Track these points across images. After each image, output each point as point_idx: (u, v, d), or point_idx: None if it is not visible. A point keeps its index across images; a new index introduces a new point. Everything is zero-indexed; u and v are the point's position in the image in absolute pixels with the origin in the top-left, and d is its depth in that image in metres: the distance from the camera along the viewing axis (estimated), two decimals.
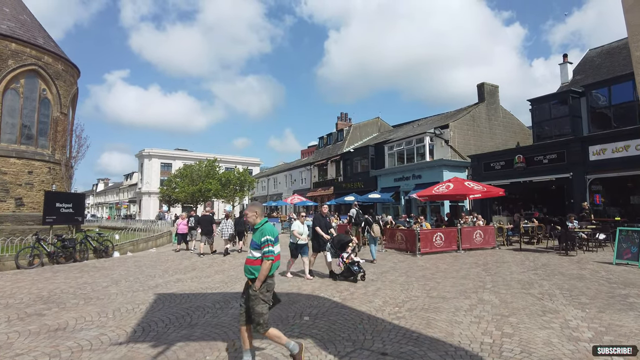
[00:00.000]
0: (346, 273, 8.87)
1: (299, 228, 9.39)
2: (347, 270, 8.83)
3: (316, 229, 9.58)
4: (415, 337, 4.99)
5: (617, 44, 23.17)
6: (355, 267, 8.76)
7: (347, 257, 8.90)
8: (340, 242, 9.26)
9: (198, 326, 5.58)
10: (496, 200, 21.59)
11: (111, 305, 6.85)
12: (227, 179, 43.94)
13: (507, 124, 27.82)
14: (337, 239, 9.45)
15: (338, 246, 9.22)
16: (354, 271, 8.68)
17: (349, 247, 9.19)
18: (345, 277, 8.87)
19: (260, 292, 4.17)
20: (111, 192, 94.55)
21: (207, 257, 13.66)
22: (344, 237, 9.57)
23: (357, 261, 8.91)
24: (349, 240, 9.39)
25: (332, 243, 9.35)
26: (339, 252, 9.11)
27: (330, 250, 9.30)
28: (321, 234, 9.52)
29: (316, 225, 9.64)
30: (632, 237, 10.51)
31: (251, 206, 4.38)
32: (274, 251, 4.15)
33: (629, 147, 15.45)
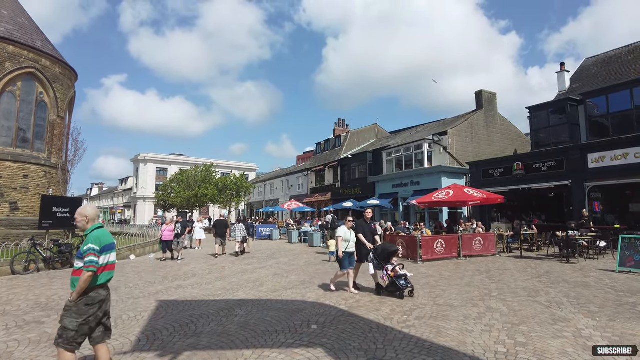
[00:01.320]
0: (391, 287, 7.82)
1: (345, 234, 8.23)
2: (392, 284, 7.79)
3: (359, 237, 8.43)
4: (427, 346, 4.89)
5: (613, 53, 23.40)
6: (402, 281, 7.72)
7: (392, 270, 7.87)
8: (385, 253, 8.24)
9: (204, 335, 5.44)
10: (495, 208, 21.61)
11: (112, 313, 6.64)
12: (223, 184, 43.76)
13: (505, 131, 27.95)
14: (382, 248, 8.40)
15: (382, 257, 8.18)
16: (400, 286, 7.67)
17: (394, 258, 8.24)
18: (390, 291, 7.85)
19: (75, 305, 3.62)
20: (106, 196, 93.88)
21: (206, 264, 13.49)
22: (389, 247, 8.54)
23: (403, 274, 7.84)
24: (394, 250, 8.40)
25: (375, 253, 8.27)
26: (382, 263, 8.09)
27: (373, 262, 8.22)
28: (364, 242, 8.38)
29: (359, 231, 8.50)
30: (635, 245, 10.49)
31: (81, 209, 3.88)
32: (99, 262, 3.67)
33: (628, 155, 15.53)
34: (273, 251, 17.67)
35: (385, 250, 8.32)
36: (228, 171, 61.64)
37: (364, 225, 8.69)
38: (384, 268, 8.00)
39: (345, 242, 8.15)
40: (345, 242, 8.16)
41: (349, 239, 8.22)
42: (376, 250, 8.31)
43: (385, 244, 8.91)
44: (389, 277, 7.87)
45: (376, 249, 8.34)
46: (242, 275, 10.83)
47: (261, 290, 8.66)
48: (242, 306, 7.09)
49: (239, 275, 10.73)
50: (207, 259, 14.72)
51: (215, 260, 14.47)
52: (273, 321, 6.06)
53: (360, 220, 8.81)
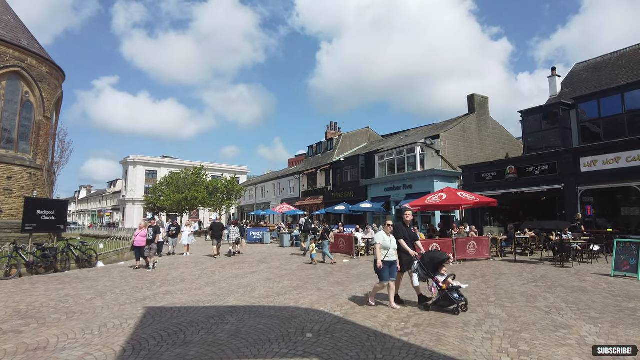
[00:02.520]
0: (442, 302, 6.80)
1: (383, 240, 7.16)
2: (444, 298, 6.76)
3: (400, 243, 7.35)
4: (428, 355, 4.68)
5: (602, 59, 23.61)
6: (456, 294, 6.72)
7: (443, 282, 6.85)
8: (434, 262, 7.15)
9: (193, 344, 5.16)
10: (487, 211, 21.57)
11: (96, 321, 6.38)
12: (214, 187, 43.27)
13: (497, 135, 28.03)
14: (429, 256, 7.30)
15: (430, 266, 7.11)
16: (454, 299, 6.65)
17: (444, 268, 7.19)
18: (440, 306, 6.84)
19: None
20: (94, 199, 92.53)
21: (195, 269, 13.16)
22: (439, 255, 7.40)
23: (456, 286, 6.82)
24: (444, 258, 7.26)
25: (421, 262, 7.20)
26: (430, 273, 7.05)
27: (418, 272, 7.22)
28: (406, 248, 7.34)
29: (399, 236, 7.42)
30: (630, 249, 10.43)
31: None
32: None
33: (620, 159, 15.56)
34: (264, 255, 17.38)
35: (434, 259, 7.21)
36: (219, 174, 61.20)
37: (403, 230, 7.62)
38: (434, 279, 6.97)
39: (384, 250, 7.12)
40: (385, 250, 7.12)
41: (388, 246, 7.16)
42: (423, 259, 7.25)
43: (433, 252, 7.85)
44: (439, 289, 6.84)
45: (423, 258, 7.27)
46: (233, 280, 10.54)
47: (253, 296, 8.39)
48: (233, 313, 6.82)
49: (230, 281, 10.43)
50: (197, 264, 14.38)
51: (204, 265, 14.14)
52: (266, 329, 5.81)
53: (398, 224, 7.79)
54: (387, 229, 7.35)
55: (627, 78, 19.37)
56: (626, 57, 21.94)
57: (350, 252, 16.30)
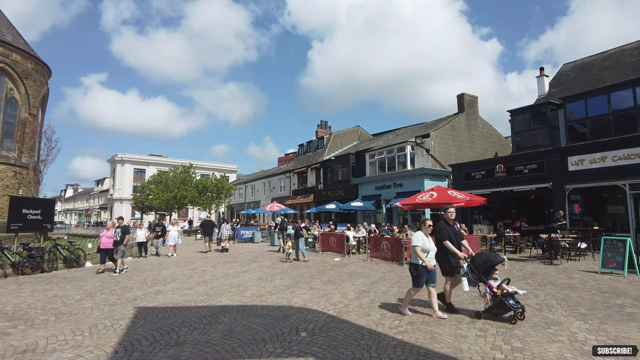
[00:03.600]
0: (497, 309, 6.10)
1: (423, 242, 6.39)
2: (499, 304, 6.04)
3: (445, 244, 6.55)
4: (423, 353, 4.70)
5: (589, 59, 23.97)
6: (511, 300, 6.01)
7: (497, 287, 6.15)
8: (486, 264, 6.39)
9: (187, 344, 5.11)
10: (477, 210, 21.75)
11: (86, 322, 6.27)
12: (203, 185, 42.96)
13: (486, 134, 28.30)
14: (481, 258, 6.50)
15: (482, 269, 6.36)
16: (510, 306, 5.95)
17: (496, 271, 6.44)
18: (494, 314, 6.17)
19: None
20: (81, 198, 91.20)
21: (186, 268, 13.05)
22: (492, 257, 6.54)
23: (512, 292, 6.11)
24: (498, 260, 6.43)
25: (471, 265, 6.43)
26: (482, 277, 6.32)
27: (467, 276, 6.44)
28: (453, 250, 6.49)
29: (444, 237, 6.61)
30: (616, 247, 10.62)
31: None
32: None
33: (606, 158, 15.82)
34: (255, 254, 17.30)
35: (486, 262, 6.42)
36: (208, 172, 60.81)
37: (447, 229, 6.78)
38: (486, 284, 6.25)
39: (424, 253, 6.34)
40: (424, 253, 6.35)
41: (428, 248, 6.38)
42: (473, 261, 6.47)
43: (485, 253, 6.90)
44: (493, 295, 6.13)
45: (473, 260, 6.49)
46: (225, 279, 10.47)
47: (245, 295, 8.34)
48: (226, 313, 6.76)
49: (221, 280, 10.36)
50: (187, 263, 14.26)
51: (195, 264, 14.03)
52: (259, 329, 5.78)
53: (441, 223, 6.92)
54: (426, 229, 6.58)
55: (613, 79, 19.69)
56: (612, 58, 22.31)
57: (341, 251, 16.32)
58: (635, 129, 15.92)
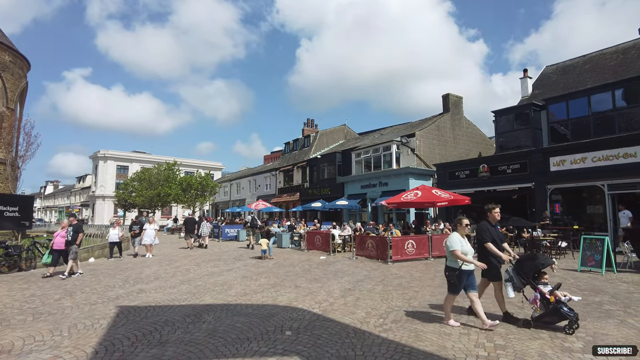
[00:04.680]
0: (550, 317, 5.54)
1: (461, 245, 5.76)
2: (553, 312, 5.48)
3: (487, 246, 6.00)
4: (407, 351, 4.72)
5: (571, 62, 24.47)
6: (566, 308, 5.44)
7: (550, 293, 5.58)
8: (536, 268, 5.86)
9: (169, 344, 5.03)
10: (460, 209, 22.01)
11: (66, 321, 6.13)
12: (188, 183, 42.45)
13: (471, 134, 28.65)
14: (529, 262, 5.94)
15: (531, 273, 5.82)
16: (564, 314, 5.39)
17: (545, 276, 5.92)
18: (546, 322, 5.60)
19: None
20: (61, 195, 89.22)
21: (169, 266, 12.88)
22: (541, 259, 6.00)
23: (566, 299, 5.52)
24: (548, 263, 5.90)
25: (516, 269, 5.89)
26: (532, 282, 5.78)
27: (512, 280, 5.88)
28: (497, 253, 5.93)
29: (486, 238, 6.04)
30: (595, 245, 10.87)
31: None
32: None
33: (586, 159, 16.17)
34: (240, 252, 17.17)
35: (536, 265, 5.87)
36: (193, 170, 60.13)
37: (490, 229, 6.16)
38: (537, 290, 5.69)
39: (462, 256, 5.71)
40: (463, 256, 5.72)
41: (466, 250, 5.78)
42: (520, 265, 5.90)
43: (534, 255, 6.37)
44: (545, 302, 5.58)
45: (520, 263, 5.93)
46: (209, 278, 10.35)
47: (229, 294, 8.26)
48: (210, 311, 6.69)
49: (205, 278, 10.25)
50: (171, 262, 14.07)
51: (178, 262, 13.85)
52: (244, 327, 5.73)
53: (483, 223, 6.27)
54: (463, 229, 6.00)
55: (593, 81, 20.15)
56: (592, 61, 22.81)
57: (327, 249, 16.32)
58: (614, 131, 16.32)
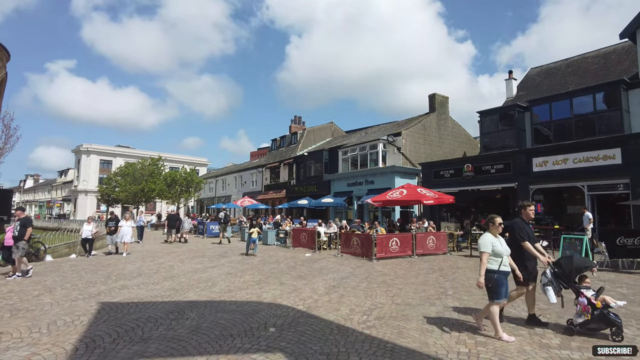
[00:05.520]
0: (596, 323, 5.17)
1: (493, 246, 5.26)
2: (600, 318, 5.13)
3: (525, 245, 5.60)
4: (390, 347, 4.77)
5: (554, 65, 24.92)
6: (612, 314, 5.14)
7: (595, 297, 5.26)
8: (579, 271, 5.48)
9: (152, 340, 4.98)
10: (445, 207, 22.28)
11: (45, 318, 6.01)
12: (172, 178, 41.97)
13: (456, 134, 28.96)
14: (571, 263, 5.46)
15: (573, 277, 5.44)
16: (613, 321, 5.07)
17: (587, 279, 5.55)
18: (591, 329, 5.23)
19: None
20: (42, 189, 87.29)
21: (153, 262, 12.74)
22: (582, 262, 5.61)
23: (614, 305, 5.18)
24: (591, 266, 5.58)
25: (556, 270, 5.49)
26: (575, 286, 5.41)
27: (552, 283, 5.43)
28: (535, 254, 5.61)
29: (523, 237, 5.63)
30: (574, 244, 11.15)
31: None
32: None
33: (567, 160, 16.50)
34: (225, 249, 17.08)
35: (579, 268, 5.46)
36: (178, 165, 59.44)
37: (525, 228, 5.76)
38: (582, 294, 5.31)
39: (496, 258, 5.23)
40: (498, 258, 5.23)
41: (501, 252, 5.25)
42: (560, 267, 5.50)
43: (574, 257, 5.74)
44: (591, 307, 5.19)
45: (560, 265, 5.53)
46: (193, 274, 10.28)
47: (213, 290, 8.22)
48: (194, 308, 6.65)
49: (189, 275, 10.17)
50: (154, 258, 13.92)
51: (162, 258, 13.71)
52: (227, 324, 5.71)
53: (518, 221, 5.85)
54: (496, 229, 5.43)
55: (575, 84, 20.55)
56: (575, 64, 23.27)
57: (312, 246, 16.35)
58: (594, 133, 16.70)
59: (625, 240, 10.99)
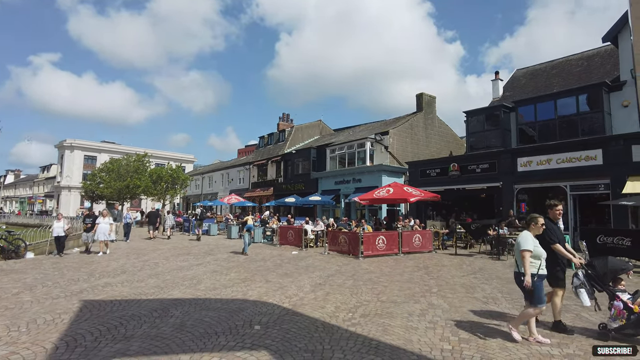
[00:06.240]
0: (633, 328, 4.94)
1: (534, 246, 4.96)
2: (636, 323, 4.89)
3: (555, 247, 5.30)
4: (374, 345, 4.80)
5: (539, 67, 25.30)
6: None
7: (632, 300, 5.02)
8: (615, 273, 5.24)
9: (135, 338, 4.92)
10: (430, 206, 22.48)
11: (24, 316, 5.89)
12: (158, 175, 41.41)
13: (442, 134, 29.22)
14: (606, 265, 5.20)
15: (608, 279, 5.20)
16: None
17: (622, 282, 5.29)
18: (628, 335, 4.96)
19: None
20: (23, 184, 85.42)
21: (137, 260, 12.58)
22: (619, 264, 5.38)
23: None
24: (628, 268, 5.36)
25: (589, 272, 5.22)
26: (609, 289, 5.13)
27: (584, 286, 5.15)
28: (567, 255, 5.33)
29: (554, 239, 5.35)
30: None
31: None
32: None
33: (551, 161, 16.78)
34: (211, 247, 16.96)
35: (614, 268, 5.22)
36: (164, 162, 58.66)
37: (555, 228, 5.50)
38: (618, 298, 5.04)
39: (535, 261, 4.94)
40: (537, 260, 4.94)
41: (540, 254, 4.99)
42: (594, 269, 5.24)
43: (609, 259, 5.41)
44: (627, 311, 4.94)
45: (593, 267, 5.26)
46: (178, 272, 10.18)
47: (199, 288, 8.15)
48: (178, 306, 6.59)
49: (174, 273, 10.07)
50: (139, 255, 13.75)
51: (147, 256, 13.55)
52: (212, 322, 5.67)
53: (546, 221, 5.43)
54: (538, 229, 5.12)
55: (560, 86, 20.90)
56: (559, 66, 23.66)
57: (299, 244, 16.34)
58: (577, 134, 17.03)
59: (605, 238, 11.27)
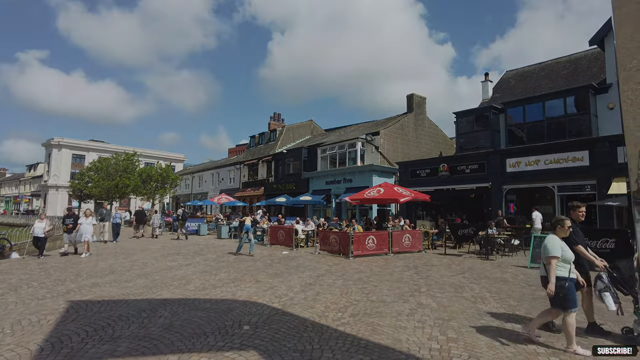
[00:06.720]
0: None
1: (563, 250, 4.79)
2: None
3: (578, 249, 5.18)
4: (363, 344, 4.81)
5: (529, 69, 25.62)
6: None
7: None
8: None
9: (123, 339, 4.87)
10: (420, 206, 22.62)
11: (8, 318, 5.80)
12: (147, 174, 41.08)
13: (432, 134, 29.43)
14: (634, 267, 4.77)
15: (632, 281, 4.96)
16: None
17: None
18: None
19: None
20: (9, 183, 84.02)
21: (126, 260, 12.45)
22: None
23: None
24: None
25: (614, 275, 5.08)
26: (637, 292, 4.83)
27: (609, 289, 4.99)
28: (590, 258, 5.26)
29: (578, 241, 5.26)
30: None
31: None
32: None
33: (539, 162, 17.02)
34: (201, 247, 16.86)
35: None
36: (153, 161, 58.22)
37: (577, 230, 5.39)
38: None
39: (565, 265, 4.78)
40: (566, 264, 4.79)
41: (569, 258, 4.82)
42: (619, 271, 5.10)
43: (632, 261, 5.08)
44: None
45: (619, 268, 5.13)
46: (167, 272, 10.10)
47: (188, 288, 8.10)
48: (167, 306, 6.54)
49: (163, 273, 9.99)
50: (127, 255, 13.61)
51: (135, 256, 13.42)
52: (201, 322, 5.64)
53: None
54: (565, 232, 4.96)
55: (548, 88, 21.19)
56: (548, 68, 23.98)
57: (289, 244, 16.31)
58: (565, 135, 17.27)
59: (589, 242, 11.38)
